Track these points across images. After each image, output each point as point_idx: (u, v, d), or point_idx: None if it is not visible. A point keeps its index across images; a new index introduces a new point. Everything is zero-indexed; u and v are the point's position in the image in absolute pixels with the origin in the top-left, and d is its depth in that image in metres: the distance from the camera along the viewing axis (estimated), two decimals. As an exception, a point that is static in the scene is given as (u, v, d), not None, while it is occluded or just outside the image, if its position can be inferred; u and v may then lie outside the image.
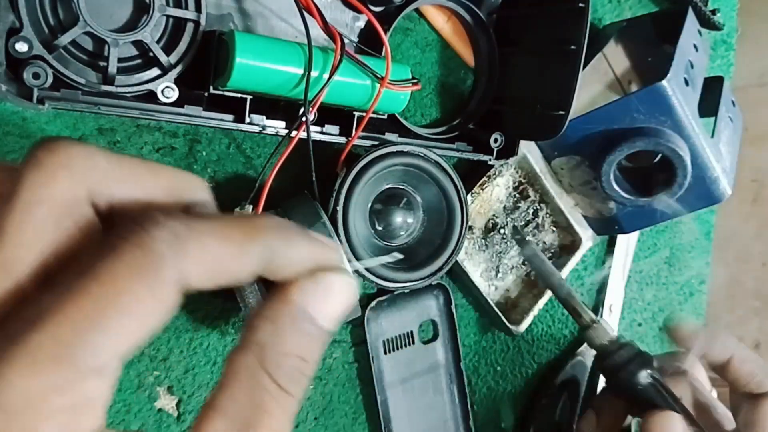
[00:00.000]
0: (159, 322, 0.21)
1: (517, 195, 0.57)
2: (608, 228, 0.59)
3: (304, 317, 0.24)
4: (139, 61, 0.38)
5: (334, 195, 0.43)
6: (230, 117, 0.40)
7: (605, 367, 0.48)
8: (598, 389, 0.63)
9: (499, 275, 0.57)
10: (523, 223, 0.58)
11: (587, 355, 0.63)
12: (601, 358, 0.48)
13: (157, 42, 0.38)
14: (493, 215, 0.56)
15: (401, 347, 0.52)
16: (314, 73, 0.39)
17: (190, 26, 0.38)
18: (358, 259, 0.44)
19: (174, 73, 0.38)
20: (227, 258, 0.22)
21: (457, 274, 0.54)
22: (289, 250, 0.24)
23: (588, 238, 0.59)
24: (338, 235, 0.42)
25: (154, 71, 0.38)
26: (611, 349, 0.47)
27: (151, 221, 0.20)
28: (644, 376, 0.46)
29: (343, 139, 0.44)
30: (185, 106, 0.39)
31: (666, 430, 0.44)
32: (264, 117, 0.41)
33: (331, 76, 0.39)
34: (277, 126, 0.42)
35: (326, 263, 0.25)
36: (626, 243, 0.67)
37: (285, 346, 0.23)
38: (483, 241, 0.56)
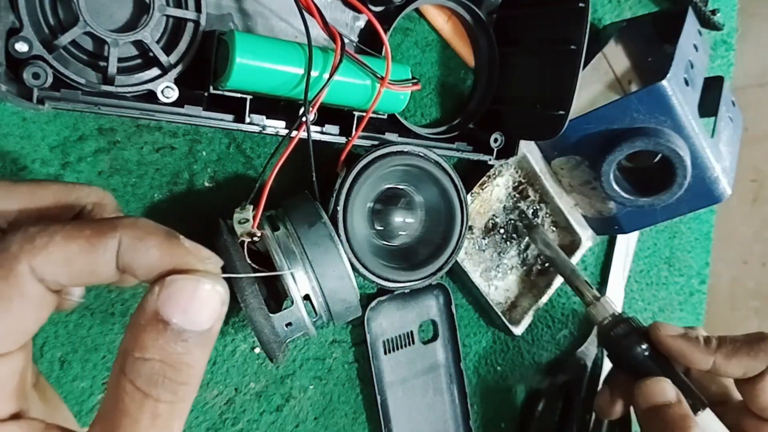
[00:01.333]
0: (33, 310, 0.25)
1: (517, 195, 0.57)
2: (608, 228, 0.59)
3: (157, 320, 0.24)
4: (139, 61, 0.38)
5: (335, 195, 0.43)
6: (230, 117, 0.40)
7: (605, 341, 0.51)
8: (599, 387, 0.63)
9: (499, 275, 0.57)
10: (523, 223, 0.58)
11: (588, 355, 0.63)
12: (602, 333, 0.51)
13: (157, 42, 0.38)
14: (493, 215, 0.56)
15: (401, 347, 0.52)
16: (314, 73, 0.39)
17: (190, 26, 0.38)
18: (359, 260, 0.44)
19: (174, 73, 0.38)
20: (79, 252, 0.25)
21: (457, 274, 0.54)
22: (141, 247, 0.25)
23: (588, 238, 0.59)
24: (338, 235, 0.42)
25: (154, 71, 0.38)
26: (610, 324, 0.50)
27: (12, 228, 0.25)
28: (639, 349, 0.48)
29: (343, 139, 0.44)
30: (185, 106, 0.39)
31: (654, 394, 0.45)
32: (264, 117, 0.41)
33: (331, 76, 0.39)
34: (277, 126, 0.41)
35: (183, 266, 0.26)
36: (626, 243, 0.67)
37: (142, 351, 0.24)
38: (483, 241, 0.56)
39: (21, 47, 0.34)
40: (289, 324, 0.39)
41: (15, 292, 0.24)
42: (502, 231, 0.57)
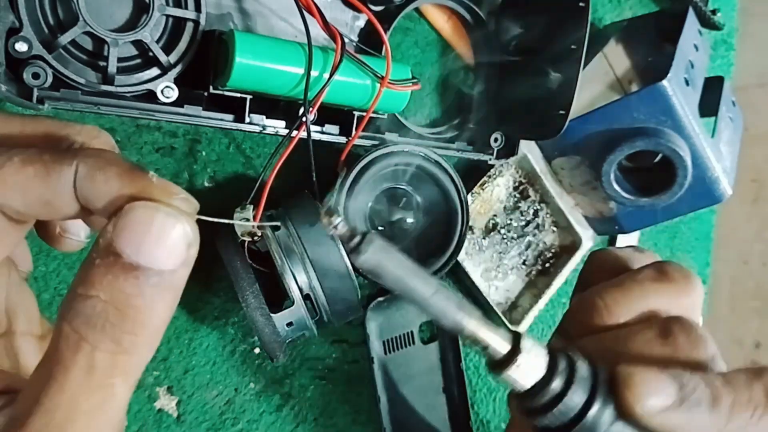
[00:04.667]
0: None
1: (518, 195, 0.57)
2: (608, 228, 0.59)
3: (109, 253, 0.21)
4: (138, 60, 0.38)
5: (335, 195, 0.43)
6: (230, 117, 0.40)
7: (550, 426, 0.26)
8: None
9: (500, 275, 0.57)
10: (523, 223, 0.58)
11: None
12: (537, 410, 0.26)
13: (157, 42, 0.38)
14: (494, 215, 0.56)
15: (401, 347, 0.52)
16: (314, 73, 0.39)
17: (189, 26, 0.38)
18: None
19: (174, 73, 0.38)
20: (34, 177, 0.23)
21: (457, 274, 0.54)
22: (100, 177, 0.23)
23: (588, 238, 0.59)
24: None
25: (154, 71, 0.38)
26: (549, 395, 0.26)
27: None
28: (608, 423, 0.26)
29: (343, 139, 0.44)
30: (185, 105, 0.39)
31: None
32: (264, 117, 0.41)
33: (331, 75, 0.39)
34: (277, 126, 0.41)
35: (143, 195, 0.22)
36: (627, 243, 0.67)
37: (86, 287, 0.21)
38: (483, 241, 0.56)
39: (21, 47, 0.34)
40: (289, 324, 0.39)
41: None
42: (502, 231, 0.57)
